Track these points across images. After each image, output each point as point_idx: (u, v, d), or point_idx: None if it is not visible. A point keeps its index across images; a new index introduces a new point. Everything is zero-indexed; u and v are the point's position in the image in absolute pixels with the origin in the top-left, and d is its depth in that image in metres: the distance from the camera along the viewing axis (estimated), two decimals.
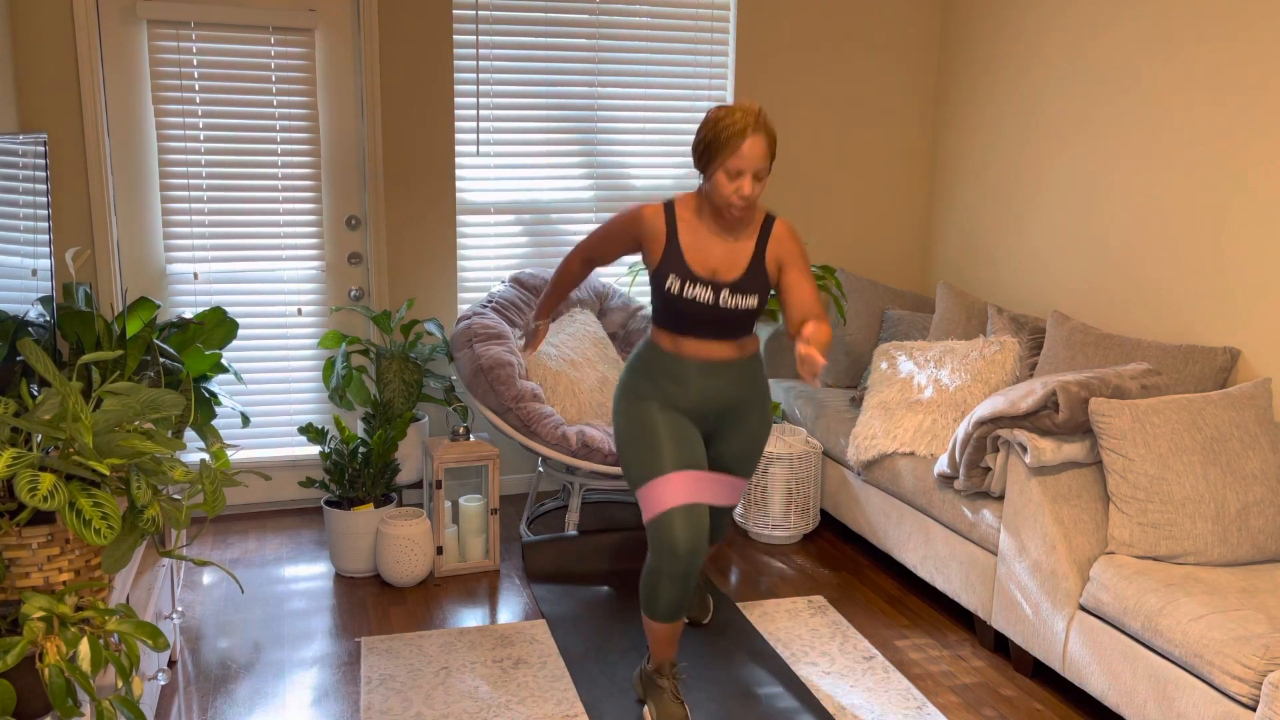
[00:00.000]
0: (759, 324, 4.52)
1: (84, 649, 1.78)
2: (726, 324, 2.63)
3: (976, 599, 3.18)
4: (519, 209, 4.29)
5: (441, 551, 3.62)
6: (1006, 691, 2.97)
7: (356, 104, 4.03)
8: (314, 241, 4.08)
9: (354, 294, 4.17)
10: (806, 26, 4.46)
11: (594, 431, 3.60)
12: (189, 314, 3.69)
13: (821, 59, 4.51)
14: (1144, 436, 2.75)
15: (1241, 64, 3.16)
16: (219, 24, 3.81)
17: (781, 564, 3.82)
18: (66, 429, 1.87)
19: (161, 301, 3.94)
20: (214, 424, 4.15)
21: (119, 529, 1.86)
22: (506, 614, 3.37)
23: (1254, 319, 3.14)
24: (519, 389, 3.58)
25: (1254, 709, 2.26)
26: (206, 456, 3.79)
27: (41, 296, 2.69)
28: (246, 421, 3.51)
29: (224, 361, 3.49)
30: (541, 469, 4.00)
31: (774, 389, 4.46)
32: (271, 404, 4.15)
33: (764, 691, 2.91)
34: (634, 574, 3.67)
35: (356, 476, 3.59)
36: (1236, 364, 3.17)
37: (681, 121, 4.41)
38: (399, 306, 4.18)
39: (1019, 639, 2.99)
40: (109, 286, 3.83)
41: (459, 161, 4.18)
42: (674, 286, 2.60)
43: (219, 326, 3.45)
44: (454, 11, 4.05)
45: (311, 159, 4.01)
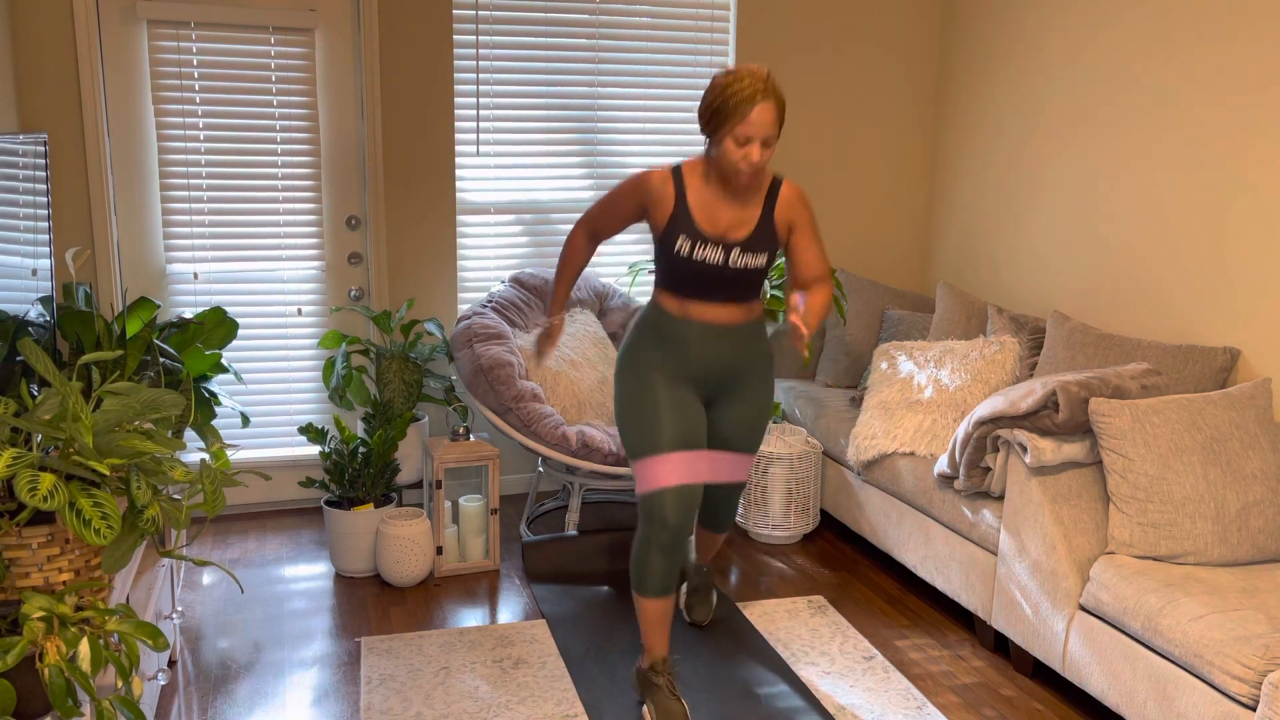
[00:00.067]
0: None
1: (84, 649, 1.78)
2: (736, 285, 2.62)
3: (976, 599, 3.18)
4: (519, 209, 4.29)
5: (441, 551, 3.62)
6: (1006, 691, 2.97)
7: (356, 104, 4.03)
8: (314, 241, 4.08)
9: (354, 294, 4.17)
10: (806, 27, 4.46)
11: (594, 431, 3.60)
12: (189, 314, 3.69)
13: (821, 59, 4.51)
14: (1144, 436, 2.75)
15: (1241, 64, 3.15)
16: (219, 24, 3.81)
17: (781, 564, 3.82)
18: (66, 429, 1.87)
19: (161, 301, 3.94)
20: (214, 424, 4.15)
21: (119, 529, 1.86)
22: (506, 614, 3.37)
23: (1254, 319, 3.14)
24: (519, 389, 3.58)
25: (1254, 709, 2.26)
26: (206, 456, 3.79)
27: (41, 296, 2.69)
28: (246, 421, 3.51)
29: (224, 361, 3.49)
30: (541, 469, 4.00)
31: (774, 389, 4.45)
32: (271, 404, 4.15)
33: (764, 691, 2.91)
34: None
35: (356, 476, 3.59)
36: (1236, 364, 3.17)
37: (682, 121, 4.41)
38: (399, 306, 4.18)
39: (1019, 639, 2.99)
40: (109, 286, 3.83)
41: (459, 161, 4.18)
42: (684, 248, 2.57)
43: (219, 326, 3.45)
44: (454, 11, 4.05)
45: (311, 159, 4.01)
